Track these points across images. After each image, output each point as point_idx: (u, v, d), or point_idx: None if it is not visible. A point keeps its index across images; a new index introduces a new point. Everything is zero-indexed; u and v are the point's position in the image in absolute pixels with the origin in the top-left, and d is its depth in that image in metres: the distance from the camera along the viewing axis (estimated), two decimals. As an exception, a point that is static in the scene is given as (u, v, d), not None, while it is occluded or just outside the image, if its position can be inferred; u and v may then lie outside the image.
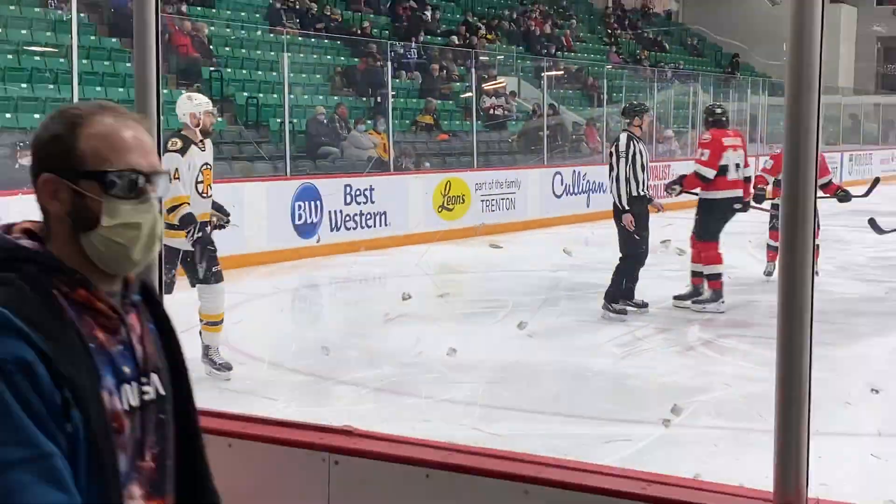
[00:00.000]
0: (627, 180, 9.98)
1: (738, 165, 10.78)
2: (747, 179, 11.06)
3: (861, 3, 41.18)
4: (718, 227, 10.61)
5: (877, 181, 13.07)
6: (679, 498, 2.40)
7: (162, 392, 1.90)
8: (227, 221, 8.55)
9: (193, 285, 8.14)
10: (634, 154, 10.06)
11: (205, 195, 8.08)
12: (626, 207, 9.93)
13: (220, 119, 16.47)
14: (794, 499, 2.30)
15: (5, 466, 1.56)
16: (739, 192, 10.82)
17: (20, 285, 1.67)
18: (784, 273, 2.30)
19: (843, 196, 11.99)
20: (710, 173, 10.49)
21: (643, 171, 10.12)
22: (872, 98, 38.64)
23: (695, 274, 10.72)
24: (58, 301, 1.71)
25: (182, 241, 7.81)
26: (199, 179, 7.97)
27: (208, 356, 7.98)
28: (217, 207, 8.43)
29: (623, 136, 10.31)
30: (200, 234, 7.88)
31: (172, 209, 7.61)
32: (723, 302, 10.41)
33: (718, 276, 10.54)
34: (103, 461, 1.69)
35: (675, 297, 10.61)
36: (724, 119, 11.32)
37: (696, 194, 10.77)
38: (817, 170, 2.25)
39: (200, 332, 8.02)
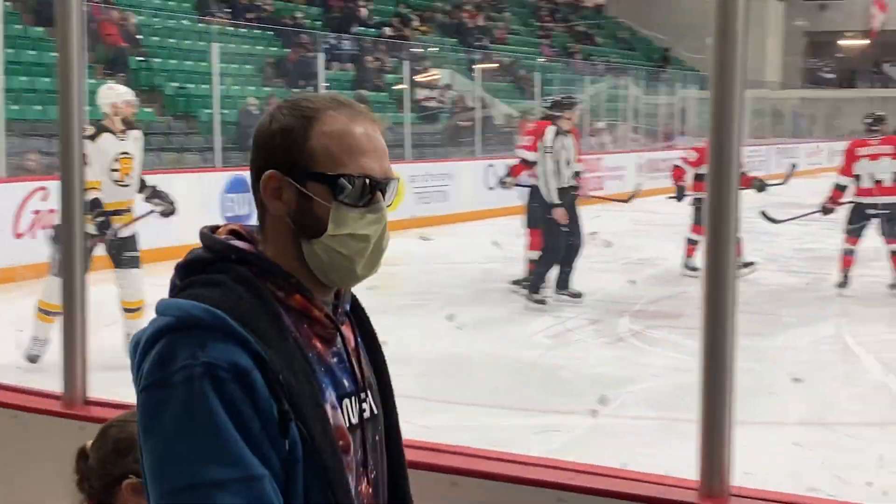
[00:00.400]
0: (554, 174, 10.04)
1: None
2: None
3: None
4: (536, 214, 10.59)
5: (793, 167, 13.24)
6: (606, 487, 2.42)
7: (376, 410, 1.78)
8: (173, 209, 8.65)
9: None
10: (559, 149, 10.13)
11: (121, 183, 8.10)
12: (557, 201, 9.99)
13: (149, 110, 16.30)
14: (718, 487, 2.33)
15: (209, 487, 1.42)
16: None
17: (233, 286, 1.54)
18: (709, 265, 2.33)
19: (760, 185, 12.17)
20: (532, 156, 10.57)
21: (568, 165, 10.18)
22: (799, 92, 39.27)
23: (529, 260, 10.85)
24: (273, 306, 1.58)
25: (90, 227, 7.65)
26: (115, 167, 7.99)
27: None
28: (159, 195, 8.52)
29: (550, 131, 10.32)
30: (103, 219, 7.85)
31: (95, 202, 7.66)
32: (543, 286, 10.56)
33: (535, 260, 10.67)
34: (332, 482, 1.54)
35: (512, 282, 10.87)
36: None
37: (527, 185, 10.79)
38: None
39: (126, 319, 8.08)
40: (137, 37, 18.66)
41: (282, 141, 1.62)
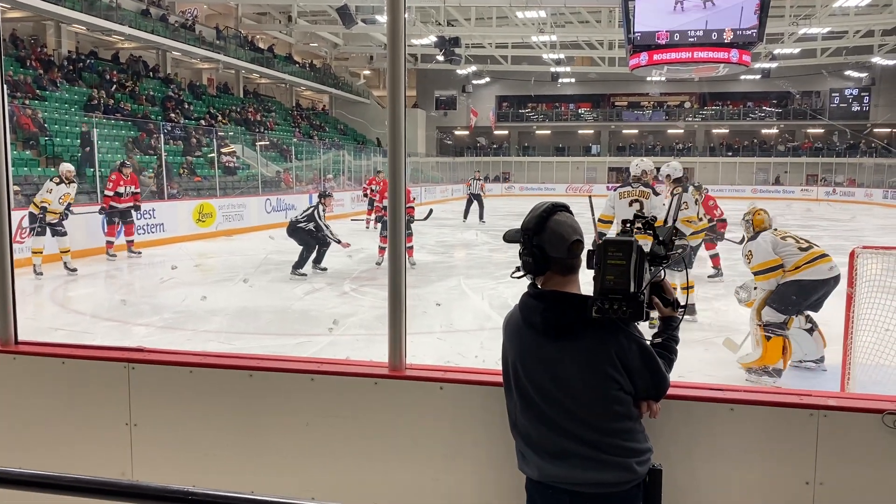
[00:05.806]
0: (324, 224, 10.06)
1: None
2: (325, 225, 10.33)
3: (427, 108, 43.15)
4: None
5: (431, 211, 11.97)
6: (338, 370, 2.44)
7: None
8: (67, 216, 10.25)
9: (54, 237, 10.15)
10: (322, 215, 10.10)
11: (61, 203, 10.08)
12: (322, 237, 10.04)
13: (53, 170, 14.72)
14: (399, 365, 2.41)
15: None
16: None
17: None
18: (391, 254, 2.40)
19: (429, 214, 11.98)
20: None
21: (325, 222, 10.16)
22: (435, 158, 40.49)
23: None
24: None
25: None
26: (60, 199, 10.07)
27: (66, 266, 10.04)
28: (66, 211, 10.23)
29: (321, 208, 10.17)
30: (42, 216, 9.89)
31: (44, 208, 9.97)
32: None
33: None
34: None
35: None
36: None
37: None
38: (405, 197, 2.36)
39: (64, 261, 10.10)
40: (44, 125, 16.79)
41: None
